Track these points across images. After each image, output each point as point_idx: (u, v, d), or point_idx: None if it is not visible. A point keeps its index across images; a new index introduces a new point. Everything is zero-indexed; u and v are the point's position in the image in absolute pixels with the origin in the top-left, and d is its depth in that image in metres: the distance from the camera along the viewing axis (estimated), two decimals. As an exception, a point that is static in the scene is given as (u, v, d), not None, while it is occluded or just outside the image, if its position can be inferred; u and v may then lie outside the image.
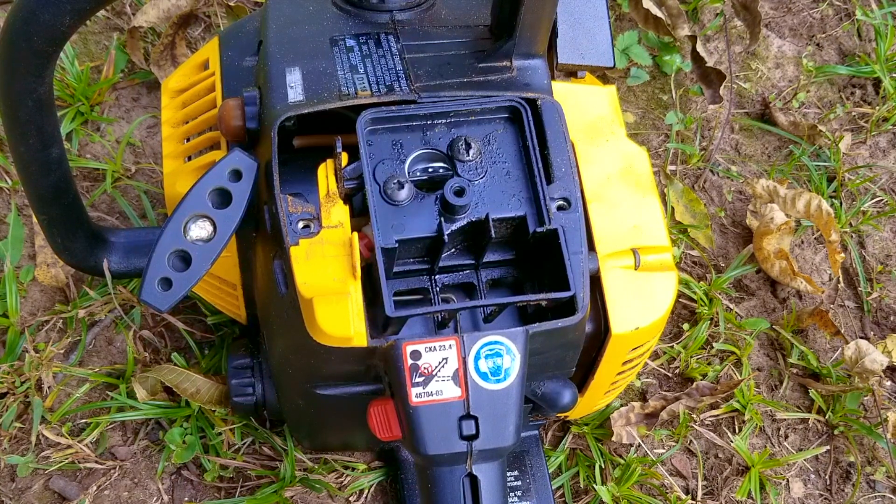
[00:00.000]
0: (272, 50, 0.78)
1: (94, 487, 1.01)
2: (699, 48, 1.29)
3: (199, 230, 0.71)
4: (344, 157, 0.69)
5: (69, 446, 1.02)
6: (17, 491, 1.01)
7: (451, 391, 0.64)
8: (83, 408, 1.05)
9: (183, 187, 0.84)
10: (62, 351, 1.08)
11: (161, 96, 0.94)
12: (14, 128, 0.70)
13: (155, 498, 1.02)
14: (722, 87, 1.28)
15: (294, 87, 0.74)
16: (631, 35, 1.29)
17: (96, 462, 1.03)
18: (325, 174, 0.68)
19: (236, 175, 0.71)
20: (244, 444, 1.04)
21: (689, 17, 1.34)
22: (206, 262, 0.71)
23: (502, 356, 0.64)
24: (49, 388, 1.05)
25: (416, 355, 0.64)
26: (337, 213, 0.67)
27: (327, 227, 0.67)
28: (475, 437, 0.64)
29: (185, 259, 0.71)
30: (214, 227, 0.71)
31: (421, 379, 0.63)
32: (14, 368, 1.06)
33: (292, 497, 1.01)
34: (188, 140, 0.88)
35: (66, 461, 1.02)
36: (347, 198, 0.70)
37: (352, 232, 0.68)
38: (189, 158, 0.87)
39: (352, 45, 0.77)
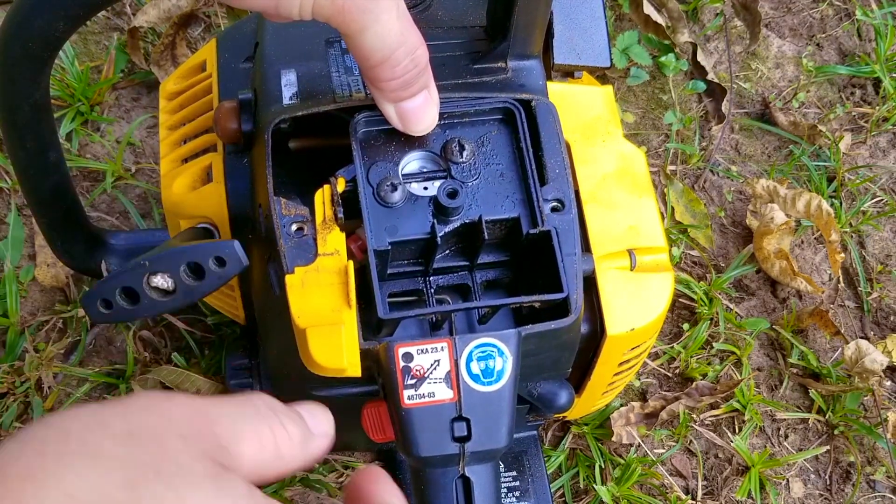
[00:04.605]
0: (268, 52, 0.78)
1: (94, 487, 1.01)
2: (700, 57, 1.29)
3: (162, 282, 0.70)
4: (340, 183, 0.69)
5: (69, 446, 1.03)
6: (18, 491, 1.02)
7: (444, 393, 0.64)
8: (83, 408, 1.05)
9: (179, 189, 0.84)
10: (62, 351, 1.08)
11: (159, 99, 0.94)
12: (11, 132, 0.71)
13: (155, 498, 1.02)
14: (724, 103, 1.28)
15: (289, 89, 0.75)
16: (631, 35, 1.29)
17: (96, 462, 1.03)
18: (322, 200, 0.69)
19: (220, 262, 0.70)
20: (244, 444, 1.04)
21: (689, 18, 1.34)
22: (148, 311, 0.71)
23: (494, 358, 0.64)
24: (49, 388, 1.05)
25: (407, 357, 0.64)
26: (333, 241, 0.67)
27: (323, 255, 0.67)
28: (467, 438, 0.64)
29: (133, 298, 0.71)
30: (175, 291, 0.70)
31: (413, 381, 0.63)
32: (14, 368, 1.06)
33: (292, 497, 1.01)
34: (185, 142, 0.88)
35: (66, 461, 1.02)
36: (344, 201, 0.70)
37: (347, 235, 0.68)
38: (186, 160, 0.88)
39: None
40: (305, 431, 0.48)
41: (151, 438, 0.38)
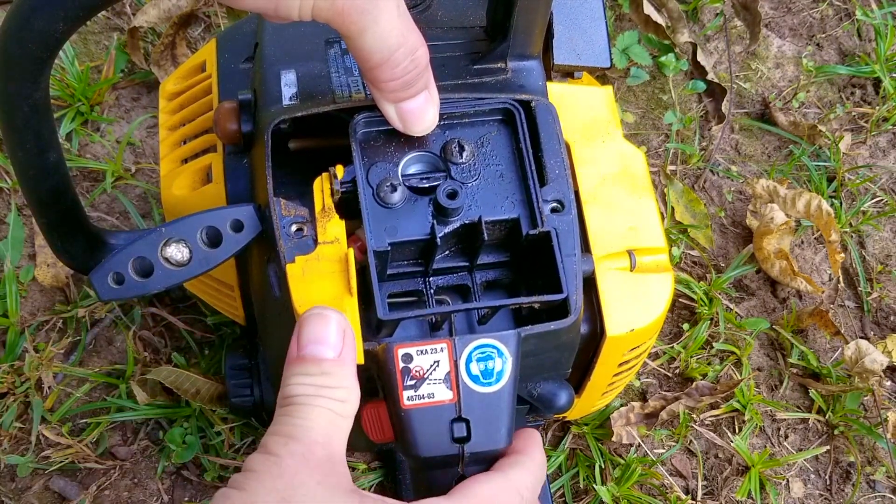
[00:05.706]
0: (268, 52, 0.78)
1: (94, 487, 1.02)
2: (700, 57, 1.29)
3: (176, 253, 0.71)
4: (339, 171, 0.69)
5: (69, 446, 1.03)
6: (17, 491, 1.02)
7: (443, 394, 0.64)
8: (83, 408, 1.06)
9: (179, 189, 0.84)
10: (62, 351, 1.08)
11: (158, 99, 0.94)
12: (10, 133, 0.70)
13: (155, 498, 1.03)
14: (724, 103, 1.28)
15: (289, 89, 0.75)
16: (631, 35, 1.29)
17: (96, 462, 1.03)
18: (321, 188, 0.69)
19: (237, 226, 0.71)
20: (244, 444, 1.04)
21: (689, 18, 1.34)
22: (164, 282, 0.71)
23: (494, 359, 0.64)
24: (49, 388, 1.05)
25: (407, 358, 0.64)
26: (333, 229, 0.67)
27: (323, 243, 0.67)
28: (467, 439, 0.64)
29: (146, 270, 0.71)
30: (190, 259, 0.71)
31: (412, 382, 0.64)
32: (14, 368, 1.06)
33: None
34: (185, 143, 0.88)
35: (66, 461, 1.03)
36: (343, 202, 0.69)
37: (347, 236, 0.68)
38: (185, 161, 0.88)
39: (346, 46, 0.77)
40: None
41: None
